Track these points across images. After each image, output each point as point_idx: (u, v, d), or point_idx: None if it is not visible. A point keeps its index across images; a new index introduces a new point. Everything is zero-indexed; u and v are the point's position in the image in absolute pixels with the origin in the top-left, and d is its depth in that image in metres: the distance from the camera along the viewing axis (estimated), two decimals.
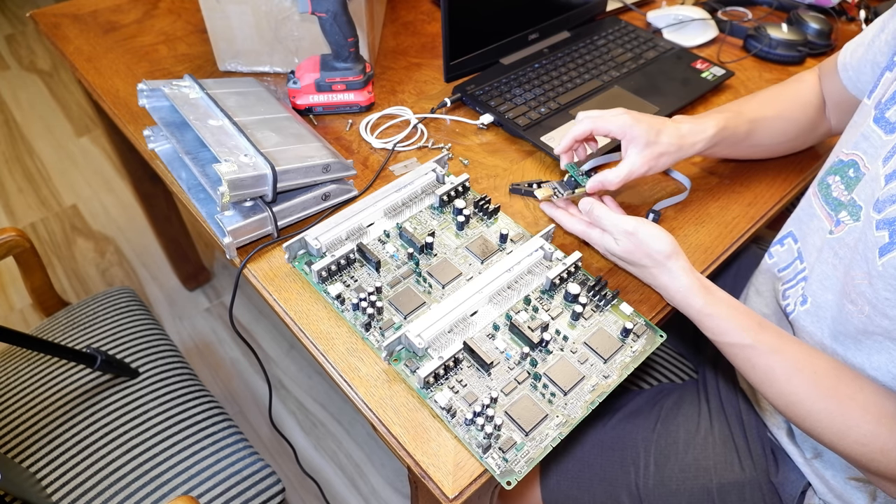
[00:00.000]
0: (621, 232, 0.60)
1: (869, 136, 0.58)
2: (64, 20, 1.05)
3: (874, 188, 0.54)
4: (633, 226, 0.60)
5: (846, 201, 0.59)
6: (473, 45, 0.89)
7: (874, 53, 0.65)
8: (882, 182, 0.53)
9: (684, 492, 0.71)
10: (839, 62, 0.70)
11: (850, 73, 0.69)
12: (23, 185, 1.92)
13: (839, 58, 0.70)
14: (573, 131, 0.68)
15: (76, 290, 1.63)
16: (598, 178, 0.66)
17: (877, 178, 0.54)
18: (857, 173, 0.59)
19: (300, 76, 0.83)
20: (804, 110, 0.74)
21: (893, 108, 0.56)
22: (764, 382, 0.56)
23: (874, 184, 0.55)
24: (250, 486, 0.79)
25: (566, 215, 0.68)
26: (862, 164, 0.59)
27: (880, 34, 0.64)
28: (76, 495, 0.75)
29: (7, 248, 0.89)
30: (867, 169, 0.57)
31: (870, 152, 0.58)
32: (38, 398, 0.83)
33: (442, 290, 0.64)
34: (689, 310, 0.58)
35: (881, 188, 0.53)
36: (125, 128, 0.85)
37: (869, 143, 0.58)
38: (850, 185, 0.59)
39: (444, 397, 0.54)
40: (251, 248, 0.68)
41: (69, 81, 2.33)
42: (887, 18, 0.64)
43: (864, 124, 0.59)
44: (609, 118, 0.66)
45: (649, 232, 0.59)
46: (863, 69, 0.67)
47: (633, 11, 1.13)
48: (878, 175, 0.54)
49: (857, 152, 0.60)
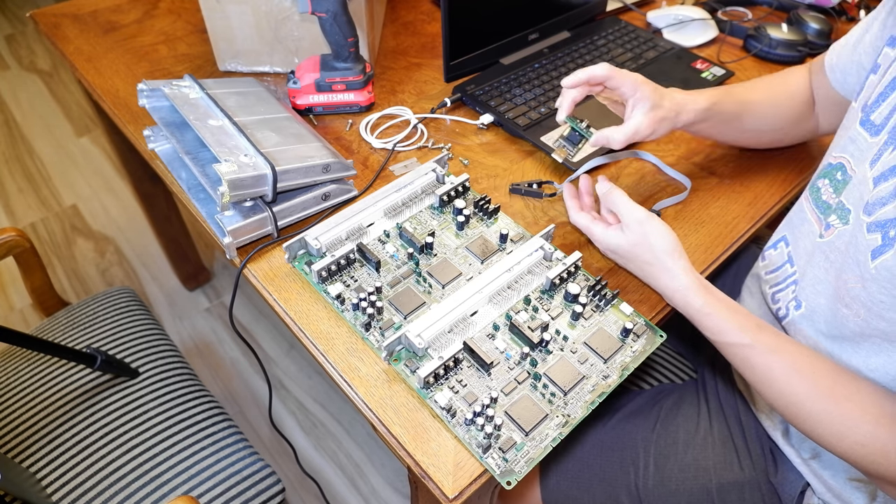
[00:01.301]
0: (633, 219, 0.61)
1: (856, 139, 0.58)
2: (64, 20, 1.05)
3: (863, 191, 0.54)
4: (645, 216, 0.60)
5: (835, 205, 0.59)
6: (473, 45, 0.89)
7: (859, 55, 0.65)
8: (871, 185, 0.53)
9: (684, 492, 0.71)
10: (826, 63, 0.71)
11: (836, 75, 0.69)
12: (23, 185, 1.92)
13: (826, 58, 0.71)
14: (590, 70, 0.66)
15: (76, 290, 1.63)
16: (603, 133, 0.65)
17: (865, 181, 0.54)
18: (844, 176, 0.59)
19: (300, 76, 0.83)
20: (791, 100, 0.74)
21: (878, 110, 0.56)
22: (762, 383, 0.56)
23: (862, 187, 0.55)
24: (250, 486, 0.79)
25: (576, 205, 0.68)
26: (849, 166, 0.59)
27: (864, 36, 0.64)
28: (76, 495, 0.75)
29: (7, 248, 0.89)
30: (854, 172, 0.58)
31: (857, 155, 0.58)
32: (38, 398, 0.83)
33: (442, 290, 0.64)
34: (689, 309, 0.58)
35: (870, 191, 0.53)
36: (125, 128, 0.85)
37: (856, 146, 0.58)
38: (838, 188, 0.60)
39: (444, 397, 0.54)
40: (251, 248, 0.68)
41: (69, 81, 2.33)
42: (870, 20, 0.64)
43: (851, 127, 0.60)
44: (625, 72, 0.66)
45: (656, 227, 0.60)
46: (849, 70, 0.67)
47: (633, 11, 1.13)
48: (867, 178, 0.54)
49: (844, 155, 0.60)
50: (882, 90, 0.57)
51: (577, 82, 0.67)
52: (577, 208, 0.67)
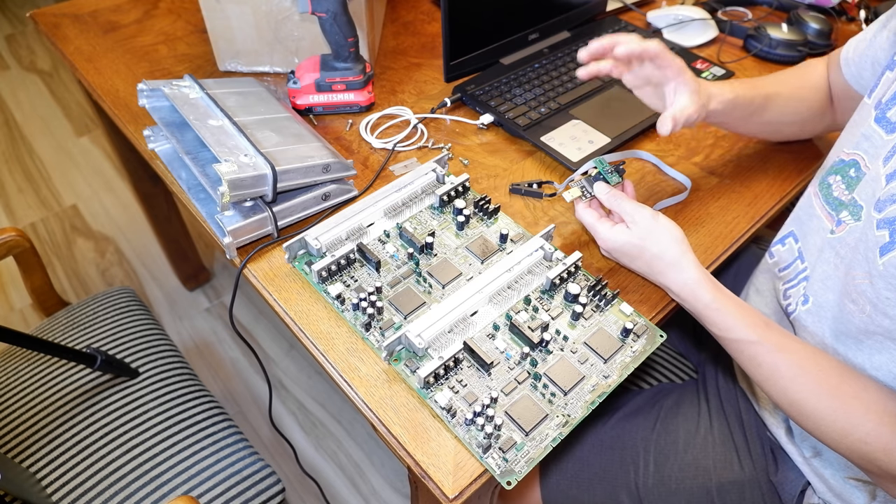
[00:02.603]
0: (641, 216, 0.61)
1: (870, 136, 0.58)
2: (64, 20, 1.04)
3: (875, 188, 0.55)
4: (652, 212, 0.61)
5: (847, 201, 0.59)
6: (473, 45, 0.89)
7: (875, 51, 0.65)
8: (883, 182, 0.53)
9: (684, 491, 0.71)
10: (842, 56, 0.71)
11: (851, 69, 0.69)
12: (23, 185, 1.92)
13: (842, 52, 0.71)
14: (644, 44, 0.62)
15: (76, 290, 1.63)
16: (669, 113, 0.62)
17: (878, 178, 0.55)
18: (858, 173, 0.59)
19: (300, 76, 0.83)
20: (816, 93, 0.74)
21: (894, 107, 0.56)
22: (768, 380, 0.56)
23: (875, 183, 0.55)
24: (250, 486, 0.79)
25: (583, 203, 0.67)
26: (863, 163, 0.59)
27: (881, 31, 0.64)
28: (76, 495, 0.75)
29: (7, 248, 0.89)
30: (868, 168, 0.58)
31: (871, 152, 0.58)
32: (38, 398, 0.83)
33: (442, 290, 0.64)
34: (697, 304, 0.58)
35: (882, 188, 0.53)
36: (125, 128, 0.85)
37: (870, 143, 0.58)
38: (851, 184, 0.59)
39: (444, 397, 0.54)
40: (251, 248, 0.68)
41: (69, 81, 2.33)
42: (889, 16, 0.64)
43: (864, 124, 0.59)
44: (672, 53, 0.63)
45: (664, 222, 0.60)
46: (864, 65, 0.67)
47: (633, 11, 1.13)
48: (879, 175, 0.54)
49: (858, 152, 0.60)
50: None
51: (629, 53, 0.62)
52: (584, 205, 0.67)
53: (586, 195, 0.66)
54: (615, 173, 0.67)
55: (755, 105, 0.71)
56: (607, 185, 0.65)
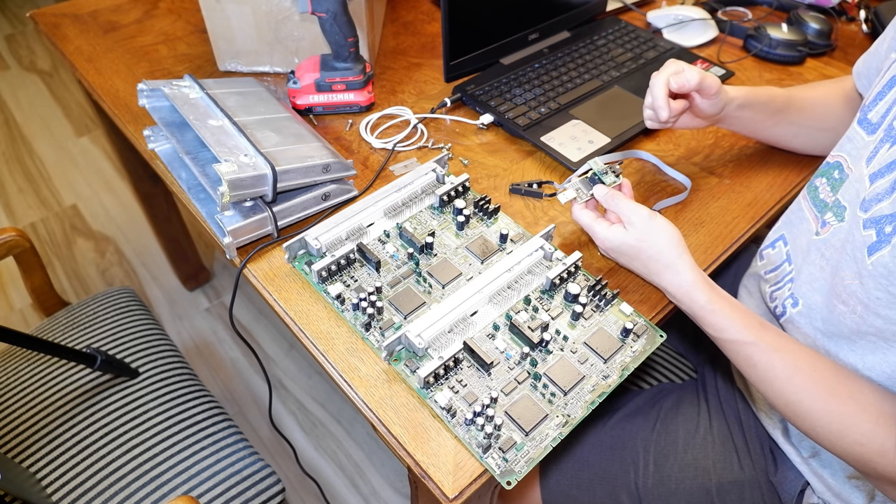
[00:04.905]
0: (638, 217, 0.61)
1: (853, 138, 0.59)
2: (64, 20, 1.05)
3: (859, 188, 0.55)
4: (649, 213, 0.61)
5: (831, 203, 0.59)
6: (473, 45, 0.89)
7: (878, 61, 0.65)
8: (867, 182, 0.54)
9: (684, 491, 0.71)
10: (854, 70, 0.71)
11: (862, 81, 0.70)
12: (23, 185, 1.92)
13: (855, 66, 0.71)
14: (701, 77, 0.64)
15: (76, 290, 1.63)
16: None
17: (861, 179, 0.55)
18: (841, 174, 0.60)
19: (300, 76, 0.83)
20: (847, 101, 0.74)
21: (875, 108, 0.57)
22: (764, 381, 0.56)
23: (859, 184, 0.55)
24: (250, 486, 0.79)
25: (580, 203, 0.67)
26: (846, 165, 0.59)
27: (883, 43, 0.65)
28: (76, 495, 0.75)
29: (7, 248, 0.89)
30: (850, 170, 0.58)
31: (853, 153, 0.58)
32: (38, 398, 0.83)
33: (442, 290, 0.64)
34: (693, 305, 0.58)
35: (867, 188, 0.53)
36: (125, 128, 0.85)
37: (853, 145, 0.59)
38: (835, 186, 0.60)
39: (444, 397, 0.54)
40: (251, 248, 0.68)
41: (69, 81, 2.33)
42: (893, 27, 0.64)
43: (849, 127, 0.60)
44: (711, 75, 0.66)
45: (661, 223, 0.60)
46: (871, 77, 0.68)
47: (633, 11, 1.13)
48: (863, 175, 0.55)
49: (841, 154, 0.61)
50: (880, 89, 0.57)
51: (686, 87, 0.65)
52: (581, 205, 0.67)
53: (581, 196, 0.66)
54: (612, 173, 0.67)
55: (777, 103, 0.72)
56: (604, 185, 0.65)
